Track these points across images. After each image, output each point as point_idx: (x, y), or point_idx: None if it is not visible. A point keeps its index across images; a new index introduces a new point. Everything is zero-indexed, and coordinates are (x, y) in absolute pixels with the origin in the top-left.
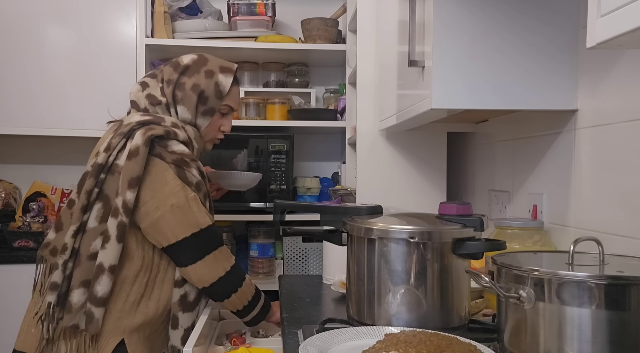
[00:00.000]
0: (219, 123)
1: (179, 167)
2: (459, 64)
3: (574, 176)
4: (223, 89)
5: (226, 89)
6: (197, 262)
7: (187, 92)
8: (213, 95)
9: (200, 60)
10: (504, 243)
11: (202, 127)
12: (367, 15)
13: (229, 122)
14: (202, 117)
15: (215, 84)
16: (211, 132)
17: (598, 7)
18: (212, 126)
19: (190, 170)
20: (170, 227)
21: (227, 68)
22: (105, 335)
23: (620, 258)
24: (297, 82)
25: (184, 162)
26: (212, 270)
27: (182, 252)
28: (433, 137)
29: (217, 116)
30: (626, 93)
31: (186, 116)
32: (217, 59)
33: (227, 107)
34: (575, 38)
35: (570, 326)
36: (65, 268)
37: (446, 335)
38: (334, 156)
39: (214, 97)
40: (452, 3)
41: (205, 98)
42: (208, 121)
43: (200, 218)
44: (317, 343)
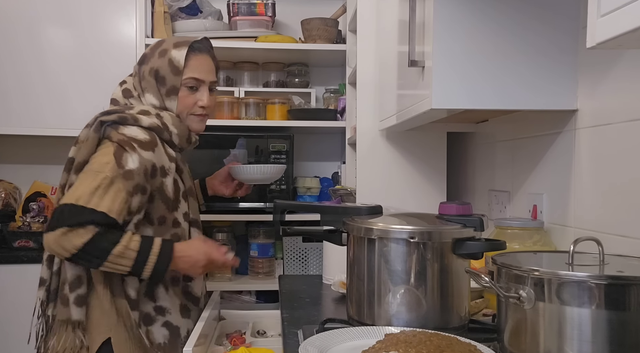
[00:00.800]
0: (192, 99)
1: (120, 147)
2: (459, 64)
3: (574, 176)
4: (178, 64)
5: (181, 63)
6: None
7: (147, 78)
8: (169, 73)
9: (156, 44)
10: (504, 243)
11: (173, 108)
12: (367, 15)
13: (205, 95)
14: (168, 98)
15: (169, 61)
16: (185, 110)
17: (598, 7)
18: (183, 104)
19: (131, 154)
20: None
21: (181, 42)
22: (93, 330)
23: (620, 258)
24: (297, 82)
25: (128, 144)
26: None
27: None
28: (433, 137)
29: (185, 92)
30: (626, 93)
31: (155, 102)
32: (176, 37)
33: (191, 80)
34: (575, 38)
35: (570, 326)
36: (50, 263)
37: (446, 335)
38: (334, 156)
39: (171, 74)
40: (452, 3)
41: (162, 78)
42: (175, 100)
43: (92, 199)
44: (317, 343)
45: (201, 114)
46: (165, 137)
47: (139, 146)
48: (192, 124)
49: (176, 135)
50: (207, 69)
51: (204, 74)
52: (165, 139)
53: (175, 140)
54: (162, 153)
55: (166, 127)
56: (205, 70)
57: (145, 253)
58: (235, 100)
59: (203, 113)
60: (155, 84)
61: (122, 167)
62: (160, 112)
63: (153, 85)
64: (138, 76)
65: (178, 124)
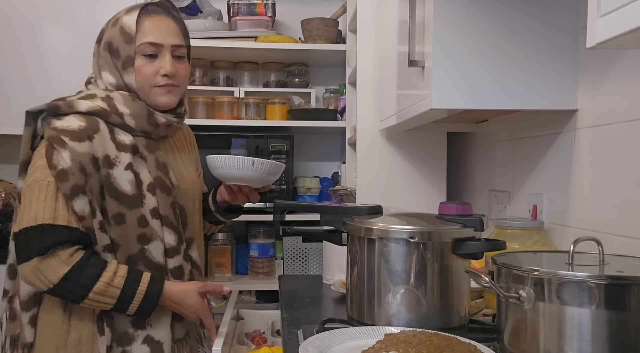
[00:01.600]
0: (151, 68)
1: (50, 146)
2: (459, 64)
3: (574, 176)
4: (129, 30)
5: (132, 28)
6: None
7: (102, 54)
8: (122, 42)
9: (110, 18)
10: (504, 243)
11: (132, 83)
12: (367, 15)
13: (167, 61)
14: (125, 72)
15: (120, 29)
16: (146, 82)
17: (598, 7)
18: (142, 75)
19: (59, 151)
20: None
21: (133, 6)
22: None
23: (620, 258)
24: (297, 82)
25: (57, 140)
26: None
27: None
28: (433, 137)
29: (142, 61)
30: (626, 93)
31: (112, 80)
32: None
33: (147, 45)
34: (575, 38)
35: (570, 326)
36: (13, 273)
37: (446, 335)
38: (334, 156)
39: (123, 42)
40: (452, 3)
41: (116, 50)
42: (132, 73)
43: (39, 212)
44: (317, 343)
45: (166, 84)
46: (114, 120)
47: (71, 138)
48: (157, 98)
49: (129, 116)
50: (165, 31)
51: (162, 36)
52: (114, 122)
53: (130, 122)
54: (105, 140)
55: (114, 109)
56: (163, 33)
57: (130, 292)
58: (235, 100)
59: (168, 83)
60: (110, 59)
61: (54, 168)
62: (110, 93)
63: (108, 60)
64: (95, 56)
65: (131, 103)
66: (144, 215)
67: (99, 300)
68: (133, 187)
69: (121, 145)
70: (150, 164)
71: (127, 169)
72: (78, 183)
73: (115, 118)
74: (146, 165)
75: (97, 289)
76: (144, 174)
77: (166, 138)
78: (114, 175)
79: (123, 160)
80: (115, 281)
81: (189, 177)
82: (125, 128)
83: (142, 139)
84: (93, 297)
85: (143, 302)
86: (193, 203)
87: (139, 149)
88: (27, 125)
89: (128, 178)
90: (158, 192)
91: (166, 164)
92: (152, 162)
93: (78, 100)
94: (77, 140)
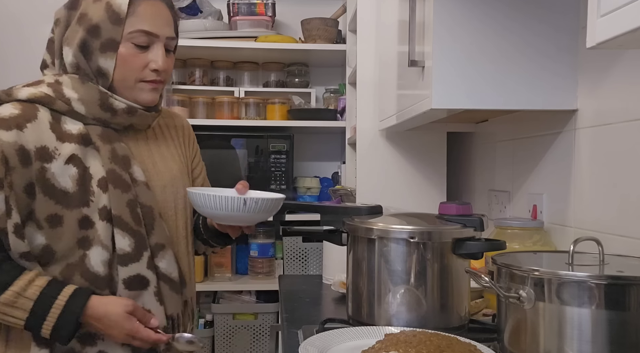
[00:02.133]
0: (141, 60)
1: None
2: (459, 64)
3: (574, 176)
4: (119, 9)
5: (122, 8)
6: None
7: (74, 27)
8: (106, 20)
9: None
10: (504, 243)
11: (108, 70)
12: (367, 15)
13: (160, 55)
14: (103, 56)
15: (107, 6)
16: (132, 74)
17: (598, 7)
18: (129, 66)
19: None
20: None
21: None
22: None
23: (620, 258)
24: (297, 82)
25: None
26: None
27: None
28: (433, 137)
29: (132, 51)
30: (626, 93)
31: (72, 59)
32: None
33: (141, 33)
34: (575, 38)
35: (570, 326)
36: None
37: (446, 335)
38: (334, 156)
39: (109, 22)
40: (452, 3)
41: (96, 27)
42: (112, 59)
43: None
44: (317, 343)
45: (154, 80)
46: (59, 107)
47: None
48: (142, 94)
49: (78, 101)
50: (161, 20)
51: (159, 26)
52: (60, 110)
53: (79, 109)
54: (43, 130)
55: (60, 94)
56: (160, 23)
57: (45, 305)
58: (235, 100)
59: (156, 79)
60: (84, 35)
61: None
62: (60, 78)
63: (81, 36)
64: (60, 25)
65: (80, 86)
66: (88, 215)
67: (6, 313)
68: (75, 184)
69: (65, 134)
70: (103, 156)
71: (69, 162)
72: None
73: (61, 105)
74: (99, 157)
75: (5, 299)
76: (95, 168)
77: (135, 128)
78: (51, 169)
79: (64, 152)
80: (28, 291)
81: (167, 173)
82: (74, 115)
83: (98, 128)
84: (1, 309)
85: (59, 320)
86: (174, 202)
87: (91, 138)
88: None
89: (70, 174)
90: (110, 188)
91: (128, 157)
92: (107, 153)
93: (20, 88)
94: (3, 129)
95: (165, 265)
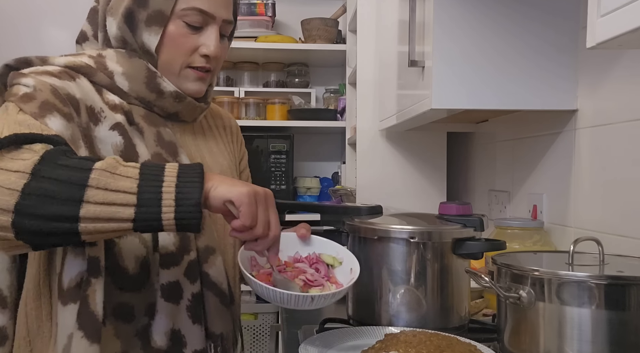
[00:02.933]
0: (192, 41)
1: (9, 87)
2: (459, 64)
3: (574, 176)
4: None
5: None
6: None
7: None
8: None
9: None
10: (504, 243)
11: (151, 46)
12: (367, 15)
13: (213, 39)
14: (148, 30)
15: None
16: (180, 57)
17: (598, 7)
18: (176, 47)
19: (19, 81)
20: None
21: None
22: None
23: (620, 258)
24: (297, 82)
25: (15, 76)
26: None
27: None
28: (433, 137)
29: (182, 30)
30: (626, 93)
31: (116, 31)
32: None
33: (196, 12)
34: (576, 38)
35: (570, 326)
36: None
37: (446, 335)
38: (334, 156)
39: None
40: (452, 3)
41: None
42: (158, 34)
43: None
44: (317, 343)
45: (203, 66)
46: (99, 79)
47: (36, 74)
48: (186, 83)
49: (121, 75)
50: (221, 0)
51: (216, 6)
52: (100, 82)
53: (123, 84)
54: (87, 90)
55: (102, 66)
56: (219, 2)
57: (156, 172)
58: (235, 100)
59: (205, 66)
60: (129, 4)
61: (14, 96)
62: (103, 51)
63: (126, 5)
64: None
65: (126, 60)
66: None
67: (105, 200)
68: (118, 155)
69: (110, 103)
70: (148, 138)
71: (115, 129)
72: (49, 100)
73: (102, 77)
74: (143, 138)
75: (102, 166)
76: (140, 147)
77: (183, 120)
78: (94, 132)
79: (110, 117)
80: (123, 164)
81: (217, 168)
82: (115, 91)
83: (140, 109)
84: (101, 183)
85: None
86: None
87: (134, 118)
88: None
89: (113, 142)
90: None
91: (175, 143)
92: (152, 135)
93: (56, 57)
94: (49, 76)
95: (214, 273)
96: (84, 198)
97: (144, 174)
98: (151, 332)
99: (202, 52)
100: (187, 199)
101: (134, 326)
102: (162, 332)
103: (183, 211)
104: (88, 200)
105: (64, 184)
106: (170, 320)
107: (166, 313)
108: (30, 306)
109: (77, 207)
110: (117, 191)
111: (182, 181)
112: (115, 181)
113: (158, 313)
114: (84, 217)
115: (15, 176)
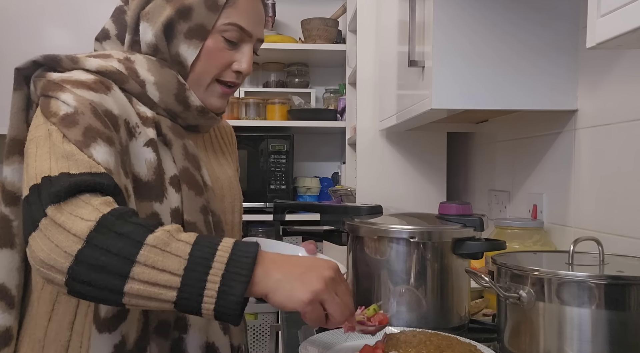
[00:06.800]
0: (228, 57)
1: (44, 97)
2: (459, 64)
3: (574, 176)
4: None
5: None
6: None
7: (158, 2)
8: (202, 4)
9: None
10: (504, 243)
11: (187, 59)
12: (367, 15)
13: (248, 58)
14: (187, 42)
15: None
16: (213, 70)
17: (598, 7)
18: (212, 60)
19: (58, 96)
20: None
21: None
22: None
23: (620, 258)
24: (297, 82)
25: (54, 86)
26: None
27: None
28: (433, 137)
29: (220, 44)
30: (626, 93)
31: (151, 38)
32: None
33: (236, 29)
34: (575, 38)
35: (570, 326)
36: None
37: (446, 335)
38: (334, 156)
39: (204, 7)
40: (452, 3)
41: (189, 9)
42: (198, 47)
43: (40, 166)
44: (317, 343)
45: (233, 82)
46: (131, 88)
47: (73, 86)
48: (211, 98)
49: (153, 85)
50: (258, 18)
51: (254, 24)
52: (132, 91)
53: (153, 94)
54: (123, 102)
55: (134, 73)
56: (256, 20)
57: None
58: (235, 100)
59: (235, 82)
60: (171, 15)
61: (54, 116)
62: (132, 56)
63: (168, 15)
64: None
65: (158, 70)
66: (158, 213)
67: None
68: (152, 172)
69: (142, 116)
70: (176, 151)
71: (149, 145)
72: (92, 125)
73: (134, 85)
74: (170, 152)
75: (144, 258)
76: (167, 163)
77: (197, 131)
78: (130, 147)
79: (144, 133)
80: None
81: (226, 181)
82: (145, 100)
83: (167, 120)
84: (140, 274)
85: (230, 263)
86: (232, 215)
87: (162, 129)
88: (17, 88)
89: (147, 158)
90: (185, 189)
91: (197, 157)
92: (179, 148)
93: (85, 57)
94: (85, 89)
95: None
96: (130, 274)
97: (193, 256)
98: (185, 345)
99: (235, 68)
100: (230, 294)
101: (169, 341)
102: (196, 346)
103: (223, 306)
104: (134, 277)
105: (115, 257)
106: (204, 333)
107: (199, 327)
108: (43, 309)
109: (122, 282)
110: (163, 271)
111: (229, 271)
112: (164, 259)
113: (191, 328)
114: (128, 293)
115: (72, 240)
